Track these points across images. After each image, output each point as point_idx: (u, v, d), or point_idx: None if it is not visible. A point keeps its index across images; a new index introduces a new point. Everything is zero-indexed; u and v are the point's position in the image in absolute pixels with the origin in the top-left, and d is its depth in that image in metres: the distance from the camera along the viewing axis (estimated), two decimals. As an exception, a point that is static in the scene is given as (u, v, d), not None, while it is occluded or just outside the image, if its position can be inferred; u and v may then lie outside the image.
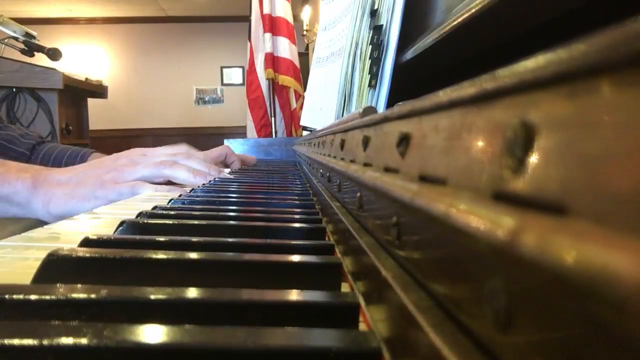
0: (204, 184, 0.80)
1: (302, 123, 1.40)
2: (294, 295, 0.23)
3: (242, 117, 3.54)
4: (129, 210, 0.57)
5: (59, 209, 0.69)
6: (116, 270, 0.28)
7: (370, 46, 0.68)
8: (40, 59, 2.79)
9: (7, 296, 0.21)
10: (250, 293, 0.23)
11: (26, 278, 0.27)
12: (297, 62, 2.82)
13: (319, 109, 1.13)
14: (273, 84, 2.82)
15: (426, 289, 0.17)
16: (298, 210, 0.53)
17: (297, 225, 0.43)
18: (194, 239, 0.34)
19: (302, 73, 2.77)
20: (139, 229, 0.40)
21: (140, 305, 0.22)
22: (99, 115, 4.61)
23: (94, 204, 0.68)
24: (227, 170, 0.99)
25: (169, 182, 0.81)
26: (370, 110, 0.38)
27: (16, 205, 0.70)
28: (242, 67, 5.68)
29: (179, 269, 0.29)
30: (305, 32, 3.39)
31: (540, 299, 0.10)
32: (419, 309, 0.16)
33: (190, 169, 0.79)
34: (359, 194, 0.31)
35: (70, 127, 2.75)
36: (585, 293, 0.08)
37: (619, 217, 0.08)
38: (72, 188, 0.71)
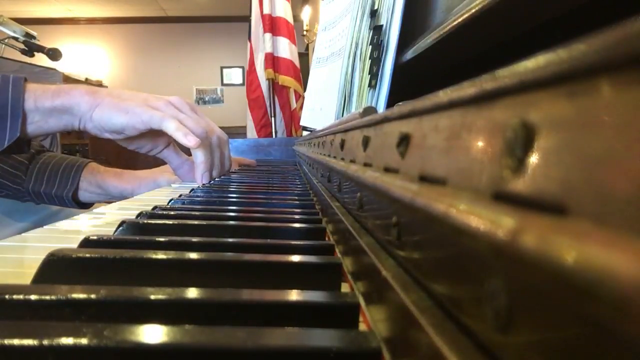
0: (204, 184, 0.80)
1: (302, 123, 1.40)
2: (294, 295, 0.23)
3: (242, 117, 3.54)
4: (129, 210, 0.57)
5: (100, 114, 0.78)
6: (116, 270, 0.28)
7: (370, 46, 0.68)
8: (40, 59, 2.79)
9: (7, 296, 0.21)
10: (250, 293, 0.23)
11: (26, 278, 0.27)
12: (297, 62, 2.82)
13: (319, 109, 1.13)
14: (273, 84, 2.82)
15: (426, 289, 0.17)
16: (298, 210, 0.53)
17: (297, 225, 0.43)
18: (194, 239, 0.34)
19: (302, 73, 2.77)
20: (139, 229, 0.40)
21: (140, 305, 0.22)
22: (99, 115, 4.60)
23: (129, 117, 0.79)
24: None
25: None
26: (370, 110, 0.38)
27: (69, 113, 0.78)
28: (242, 67, 5.68)
29: (179, 269, 0.29)
30: (305, 32, 3.39)
31: (540, 299, 0.10)
32: (419, 309, 0.16)
33: (208, 157, 0.87)
34: (359, 194, 0.31)
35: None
36: (585, 293, 0.08)
37: (619, 217, 0.08)
38: (120, 100, 0.80)
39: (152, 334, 0.18)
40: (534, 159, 0.11)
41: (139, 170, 1.04)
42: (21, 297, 0.22)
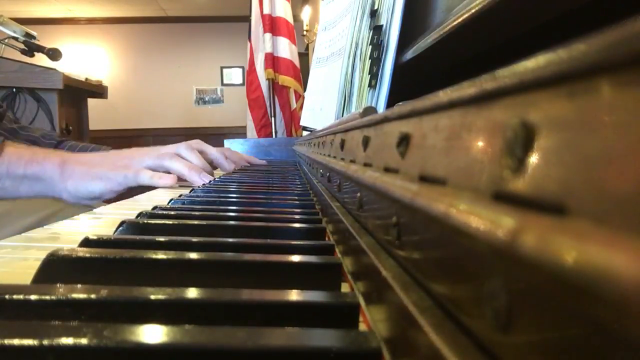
0: (204, 184, 0.80)
1: (302, 123, 1.40)
2: (294, 295, 0.23)
3: (242, 117, 3.54)
4: (129, 210, 0.57)
5: (75, 184, 0.79)
6: (116, 270, 0.28)
7: (370, 46, 0.68)
8: (40, 59, 2.79)
9: (7, 296, 0.21)
10: (251, 293, 0.23)
11: (26, 278, 0.27)
12: (297, 62, 2.82)
13: (319, 109, 1.13)
14: (273, 84, 2.82)
15: (426, 289, 0.17)
16: (298, 210, 0.53)
17: (297, 225, 0.43)
18: (194, 239, 0.34)
19: (302, 73, 2.77)
20: (139, 229, 0.40)
21: (140, 305, 0.22)
22: (99, 115, 4.60)
23: (104, 184, 0.80)
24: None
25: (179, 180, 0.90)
26: (370, 110, 0.38)
27: (41, 182, 0.79)
28: (242, 67, 5.67)
29: (179, 269, 0.29)
30: (305, 32, 3.39)
31: (540, 299, 0.10)
32: (419, 309, 0.16)
33: (187, 163, 0.88)
34: (359, 194, 0.31)
35: (70, 127, 2.75)
36: (585, 293, 0.08)
37: (619, 217, 0.08)
38: (90, 168, 0.81)
39: (152, 334, 0.18)
40: (534, 159, 0.11)
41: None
42: (21, 297, 0.22)
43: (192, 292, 0.23)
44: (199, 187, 0.75)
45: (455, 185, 0.15)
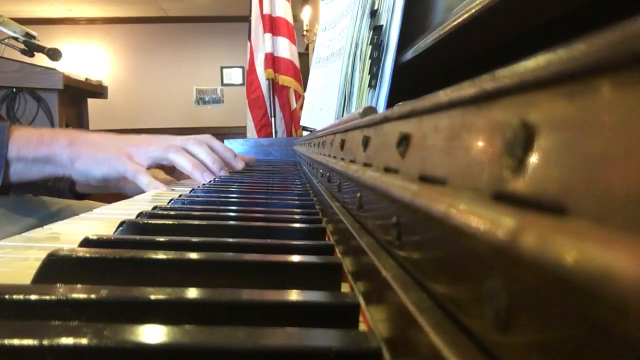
0: (203, 184, 0.80)
1: (302, 123, 1.40)
2: (294, 295, 0.23)
3: (242, 117, 3.54)
4: (129, 210, 0.57)
5: (82, 166, 0.81)
6: (116, 270, 0.28)
7: (370, 46, 0.68)
8: (40, 59, 2.79)
9: (7, 296, 0.21)
10: (251, 293, 0.23)
11: (26, 278, 0.27)
12: (297, 62, 2.82)
13: (319, 109, 1.13)
14: (273, 84, 2.82)
15: (426, 289, 0.17)
16: (298, 210, 0.53)
17: (297, 225, 0.43)
18: (194, 239, 0.34)
19: (302, 73, 2.77)
20: (139, 229, 0.40)
21: (140, 305, 0.22)
22: (99, 115, 4.60)
23: (107, 170, 0.81)
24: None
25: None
26: (370, 110, 0.38)
27: (51, 164, 0.80)
28: (242, 67, 5.68)
29: (179, 269, 0.29)
30: (305, 32, 3.39)
31: (540, 299, 0.10)
32: (419, 309, 0.16)
33: (192, 159, 0.87)
34: (359, 194, 0.31)
35: (71, 127, 2.75)
36: (585, 293, 0.08)
37: (619, 217, 0.08)
38: (96, 151, 0.82)
39: (152, 334, 0.18)
40: (534, 159, 0.11)
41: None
42: (21, 297, 0.22)
43: (192, 292, 0.23)
44: (198, 187, 0.75)
45: (455, 185, 0.15)
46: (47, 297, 0.22)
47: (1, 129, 0.76)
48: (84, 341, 0.18)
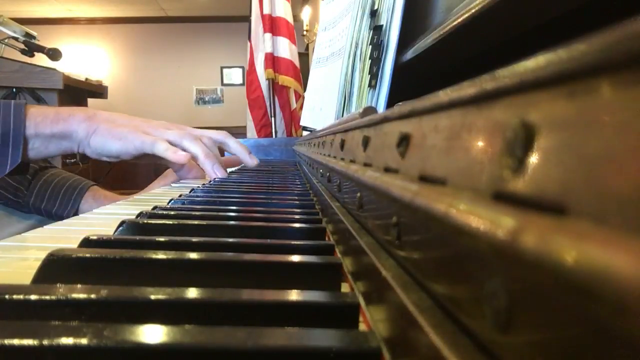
0: (203, 184, 0.80)
1: (302, 123, 1.40)
2: (294, 295, 0.23)
3: (242, 117, 3.54)
4: (129, 210, 0.57)
5: (97, 141, 0.81)
6: (116, 270, 0.28)
7: (370, 46, 0.68)
8: (40, 59, 2.79)
9: (7, 296, 0.21)
10: (250, 293, 0.23)
11: (26, 278, 0.27)
12: (297, 62, 2.82)
13: (319, 109, 1.13)
14: (273, 84, 2.82)
15: (426, 289, 0.17)
16: (298, 210, 0.53)
17: (297, 225, 0.43)
18: (194, 239, 0.34)
19: (302, 73, 2.77)
20: (139, 229, 0.40)
21: (140, 305, 0.22)
22: (99, 115, 4.59)
23: (123, 144, 0.81)
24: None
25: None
26: (370, 110, 0.38)
27: (68, 139, 0.81)
28: (242, 67, 5.67)
29: (179, 269, 0.29)
30: (305, 32, 3.39)
31: (540, 299, 0.10)
32: (419, 309, 0.16)
33: (204, 149, 0.88)
34: (359, 194, 0.31)
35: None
36: (585, 293, 0.08)
37: (619, 217, 0.08)
38: (114, 127, 0.83)
39: (152, 334, 0.18)
40: (534, 159, 0.11)
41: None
42: (21, 297, 0.22)
43: (192, 292, 0.23)
44: (198, 186, 0.75)
45: (455, 185, 0.15)
46: (47, 297, 0.22)
47: (18, 107, 0.76)
48: (84, 341, 0.18)
